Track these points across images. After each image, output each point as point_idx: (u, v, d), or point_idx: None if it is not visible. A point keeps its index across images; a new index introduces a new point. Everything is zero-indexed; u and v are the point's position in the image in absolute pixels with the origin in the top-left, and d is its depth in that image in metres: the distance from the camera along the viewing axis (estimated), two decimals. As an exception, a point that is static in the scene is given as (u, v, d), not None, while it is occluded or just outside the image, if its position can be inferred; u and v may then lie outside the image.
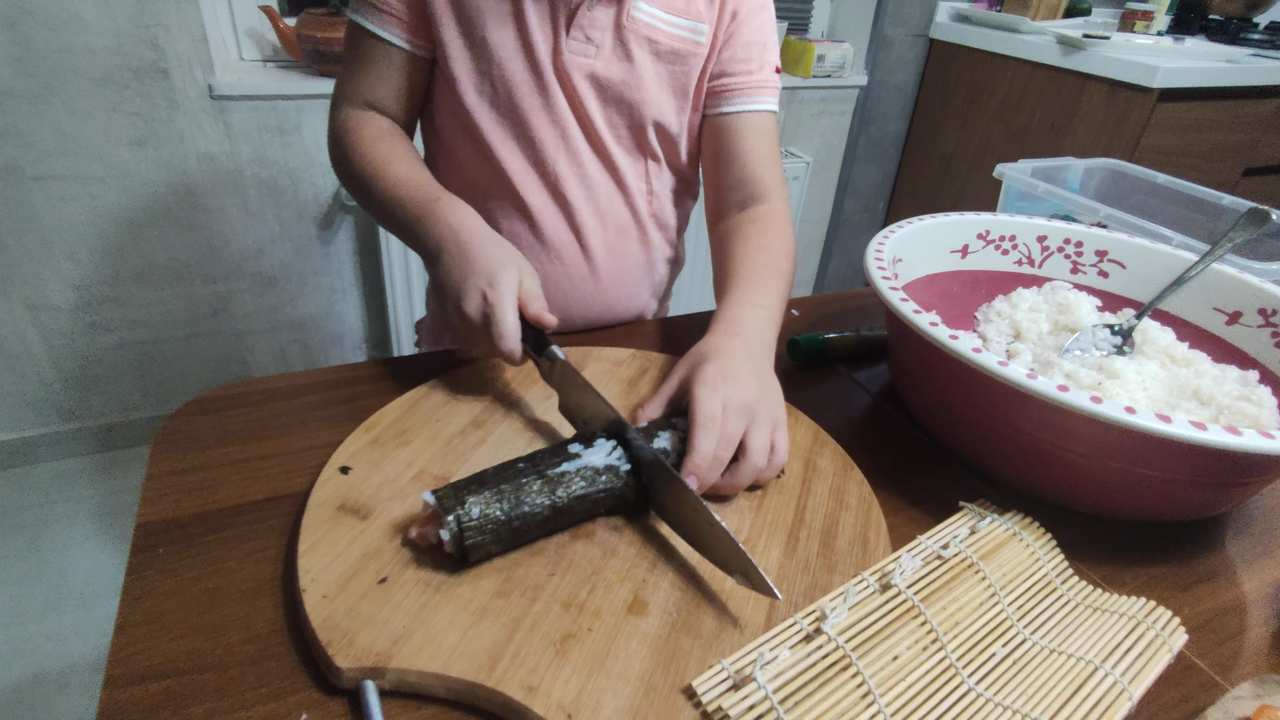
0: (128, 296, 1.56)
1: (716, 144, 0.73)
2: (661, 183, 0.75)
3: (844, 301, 0.84)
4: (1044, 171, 0.94)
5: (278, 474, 0.50)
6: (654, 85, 0.68)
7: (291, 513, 0.46)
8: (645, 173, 0.73)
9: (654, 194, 0.75)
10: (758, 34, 0.71)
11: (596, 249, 0.73)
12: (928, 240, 0.70)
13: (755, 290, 0.60)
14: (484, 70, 0.65)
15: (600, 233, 0.73)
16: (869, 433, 0.61)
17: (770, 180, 0.72)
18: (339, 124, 0.67)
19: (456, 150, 0.71)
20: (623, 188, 0.73)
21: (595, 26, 0.64)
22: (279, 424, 0.55)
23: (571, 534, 0.45)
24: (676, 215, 0.80)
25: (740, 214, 0.71)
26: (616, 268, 0.75)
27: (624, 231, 0.75)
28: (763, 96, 0.72)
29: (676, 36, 0.67)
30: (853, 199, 2.26)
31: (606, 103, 0.68)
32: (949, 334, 0.49)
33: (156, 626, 0.39)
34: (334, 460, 0.49)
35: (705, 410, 0.47)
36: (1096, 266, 0.71)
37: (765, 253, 0.65)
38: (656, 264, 0.79)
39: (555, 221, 0.71)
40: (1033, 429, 0.49)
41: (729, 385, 0.49)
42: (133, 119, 1.40)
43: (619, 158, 0.71)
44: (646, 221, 0.75)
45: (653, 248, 0.78)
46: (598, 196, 0.72)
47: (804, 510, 0.49)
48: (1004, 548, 0.46)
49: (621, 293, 0.77)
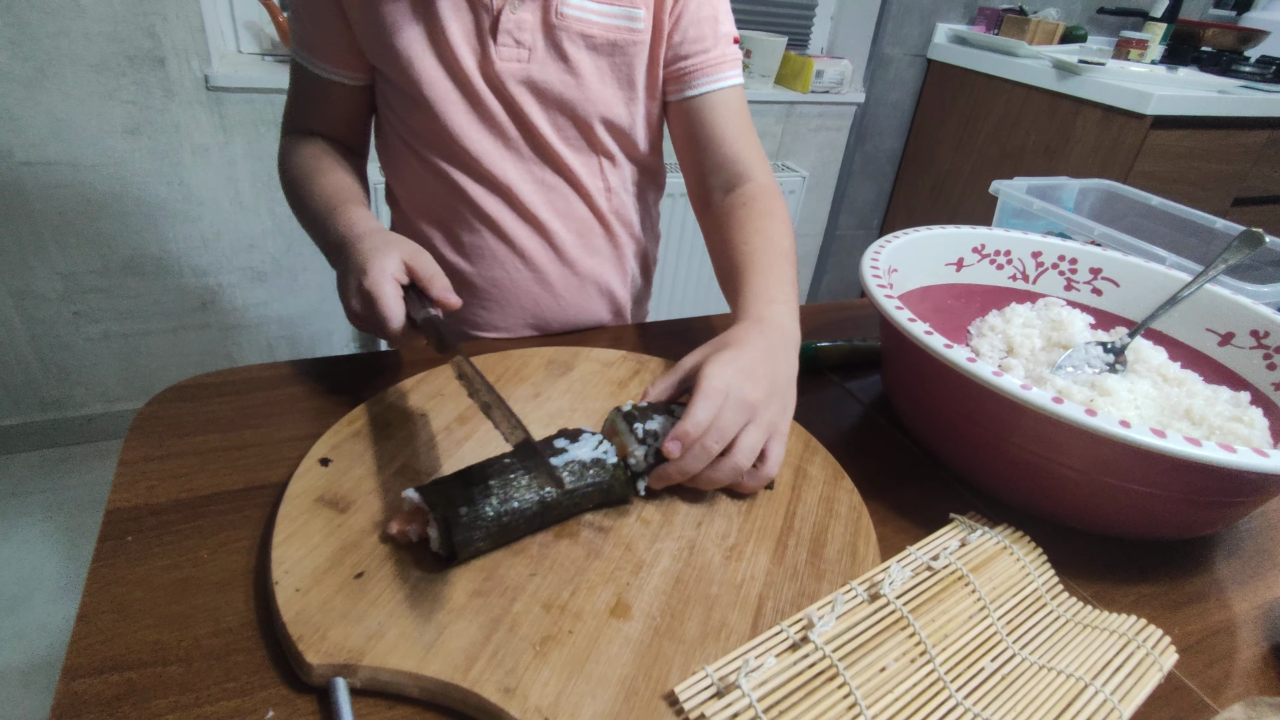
0: (115, 287, 1.54)
1: (688, 129, 0.70)
2: (619, 178, 0.73)
3: (838, 312, 0.83)
4: (1039, 190, 0.95)
5: (257, 464, 0.49)
6: (595, 81, 0.66)
7: (269, 504, 0.45)
8: (600, 170, 0.72)
9: (612, 190, 0.73)
10: (707, 8, 0.68)
11: (565, 250, 0.72)
12: (923, 252, 0.69)
13: (772, 283, 0.57)
14: (413, 92, 0.64)
15: (565, 234, 0.72)
16: (860, 442, 0.60)
17: (751, 157, 0.69)
18: (282, 149, 0.71)
19: (410, 170, 0.71)
20: (578, 188, 0.71)
21: (523, 29, 0.62)
22: (261, 413, 0.54)
23: (555, 533, 0.44)
24: (639, 209, 0.78)
25: (728, 197, 0.69)
26: (587, 267, 0.74)
27: (589, 231, 0.74)
28: (726, 72, 0.69)
29: (611, 27, 0.64)
30: (848, 214, 2.27)
31: (548, 106, 0.66)
32: (944, 343, 0.48)
33: (121, 616, 0.37)
34: (314, 451, 0.47)
35: (711, 383, 0.45)
36: (1090, 284, 0.71)
37: (767, 236, 0.62)
38: (626, 259, 0.78)
39: (518, 228, 0.70)
40: (1025, 442, 0.48)
41: (739, 376, 0.47)
42: (127, 107, 1.38)
43: (570, 159, 0.69)
44: (610, 219, 0.74)
45: (620, 243, 0.76)
46: (555, 200, 0.71)
47: (793, 517, 0.48)
48: (994, 561, 0.45)
49: (594, 290, 0.76)
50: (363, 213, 0.60)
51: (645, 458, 0.46)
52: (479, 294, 0.73)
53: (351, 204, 0.61)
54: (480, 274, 0.72)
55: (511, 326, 0.75)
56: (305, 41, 0.66)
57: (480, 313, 0.75)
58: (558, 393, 0.57)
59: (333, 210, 0.60)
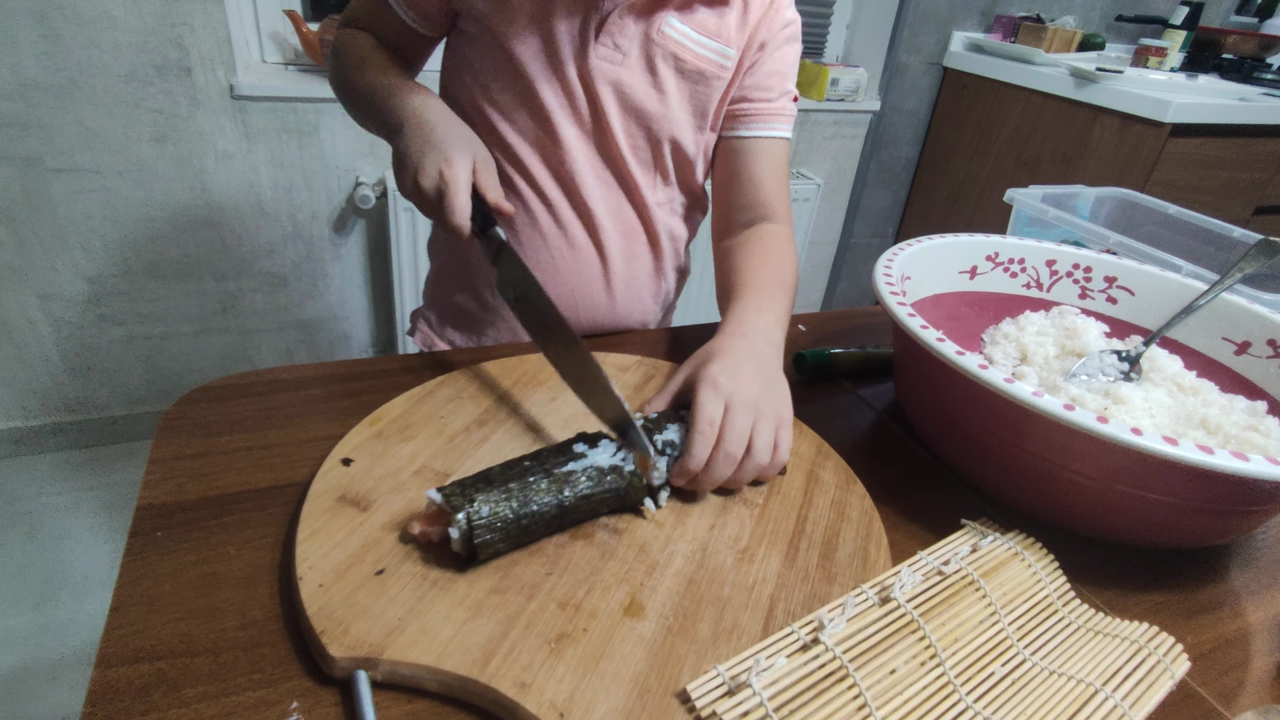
0: (138, 290, 1.57)
1: (729, 166, 0.74)
2: (671, 197, 0.76)
3: (851, 319, 0.84)
4: (1055, 198, 0.95)
5: (280, 463, 0.50)
6: (675, 102, 0.69)
7: (292, 502, 0.46)
8: (655, 185, 0.74)
9: (662, 206, 0.75)
10: (781, 64, 0.72)
11: (609, 248, 0.74)
12: (936, 260, 0.70)
13: (761, 297, 0.61)
14: (505, 64, 0.66)
15: (614, 236, 0.74)
16: (872, 448, 0.60)
17: (778, 204, 0.73)
18: (339, 38, 0.72)
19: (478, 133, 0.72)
20: (634, 198, 0.73)
21: (624, 35, 0.65)
22: (284, 415, 0.55)
23: (570, 535, 0.45)
24: (686, 229, 0.81)
25: (746, 230, 0.72)
26: (628, 271, 0.76)
27: (636, 237, 0.75)
28: (779, 124, 0.73)
29: (703, 58, 0.68)
30: (862, 222, 2.27)
31: (627, 113, 0.68)
32: (955, 350, 0.49)
33: (152, 609, 0.39)
34: (336, 452, 0.49)
35: (704, 413, 0.48)
36: (1105, 292, 0.71)
37: (769, 266, 0.66)
38: (666, 272, 0.80)
39: (570, 215, 0.72)
40: (1037, 449, 0.49)
41: (733, 383, 0.50)
42: (154, 115, 1.42)
43: (633, 167, 0.71)
44: (659, 231, 0.76)
45: (663, 256, 0.78)
46: (610, 198, 0.72)
47: (805, 521, 0.48)
48: (1005, 567, 0.45)
49: (630, 296, 0.77)
50: (432, 96, 0.63)
51: (666, 469, 0.47)
52: None
53: (416, 85, 0.64)
54: (524, 249, 0.73)
55: None
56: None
57: None
58: (573, 397, 0.58)
59: (400, 88, 0.63)
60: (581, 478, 0.44)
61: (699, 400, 0.49)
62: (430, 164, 0.56)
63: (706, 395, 0.49)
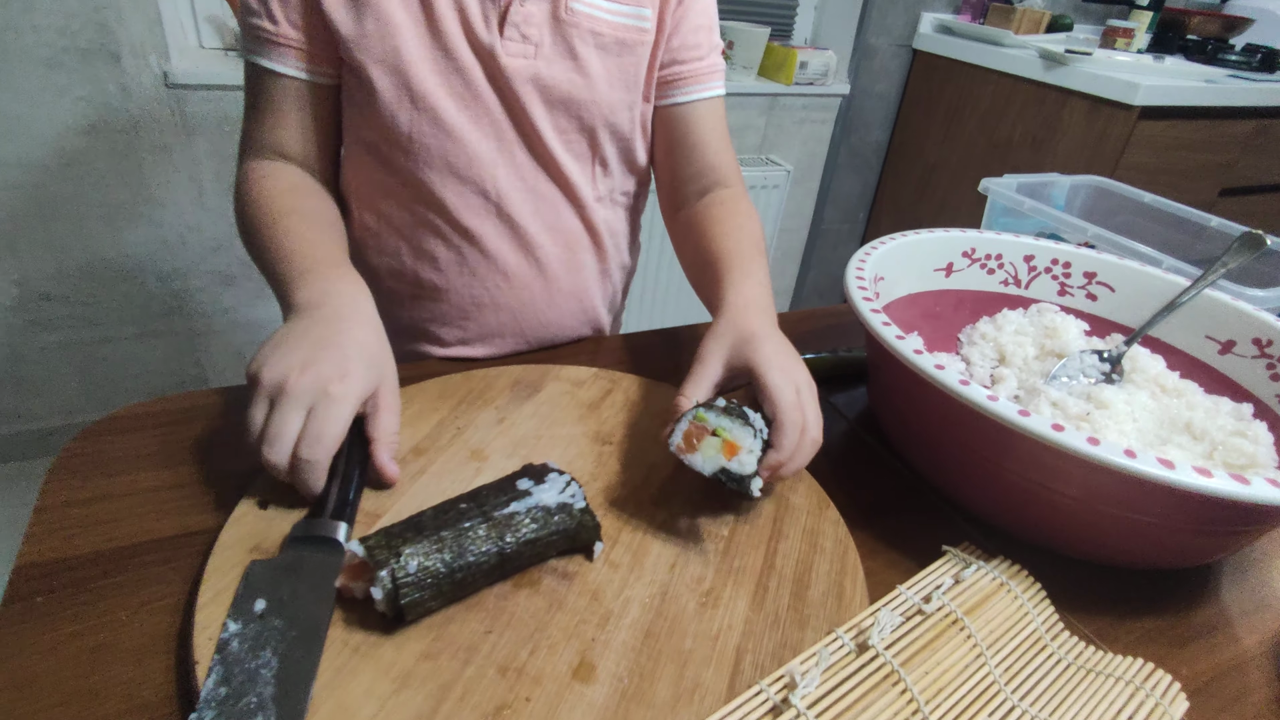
0: (73, 293, 1.47)
1: (671, 135, 0.70)
2: (611, 187, 0.70)
3: (821, 319, 0.80)
4: (1029, 187, 0.92)
5: (191, 506, 0.44)
6: (603, 83, 0.63)
7: (201, 553, 0.41)
8: (593, 178, 0.68)
9: (601, 200, 0.70)
10: (704, 17, 0.67)
11: (549, 265, 0.68)
12: (911, 257, 0.66)
13: (750, 265, 0.58)
14: (401, 87, 0.58)
15: (551, 248, 0.68)
16: (846, 464, 0.57)
17: (728, 167, 0.70)
18: (242, 175, 0.59)
19: (373, 176, 0.64)
20: (572, 198, 0.67)
21: (531, 23, 0.58)
22: (202, 447, 0.49)
23: (514, 582, 0.40)
24: (628, 221, 0.75)
25: (702, 200, 0.69)
26: (571, 283, 0.70)
27: (576, 244, 0.70)
28: (714, 81, 0.69)
29: (620, 26, 0.62)
30: (833, 209, 2.23)
31: (553, 107, 0.62)
32: (934, 363, 0.45)
33: (22, 694, 0.33)
34: (252, 494, 0.43)
35: (788, 401, 0.46)
36: (1085, 289, 0.68)
37: (745, 232, 0.63)
38: (611, 273, 0.75)
39: (499, 242, 0.66)
40: (1021, 468, 0.45)
41: (790, 364, 0.49)
42: (81, 104, 1.32)
43: (568, 165, 0.65)
44: (600, 230, 0.70)
45: (607, 257, 0.73)
46: (545, 211, 0.66)
47: (774, 555, 0.44)
48: (990, 600, 0.42)
49: (575, 307, 0.72)
50: (362, 289, 0.50)
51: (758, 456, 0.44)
52: (454, 309, 0.68)
53: (349, 270, 0.52)
54: (456, 289, 0.67)
55: (484, 342, 0.71)
56: (265, 36, 0.57)
57: (452, 329, 0.70)
58: (523, 417, 0.53)
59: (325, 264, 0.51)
60: (525, 520, 0.39)
61: (776, 389, 0.46)
62: (317, 363, 0.41)
63: (780, 382, 0.47)
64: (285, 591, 0.37)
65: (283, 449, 0.40)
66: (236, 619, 0.35)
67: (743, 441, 0.43)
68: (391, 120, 0.59)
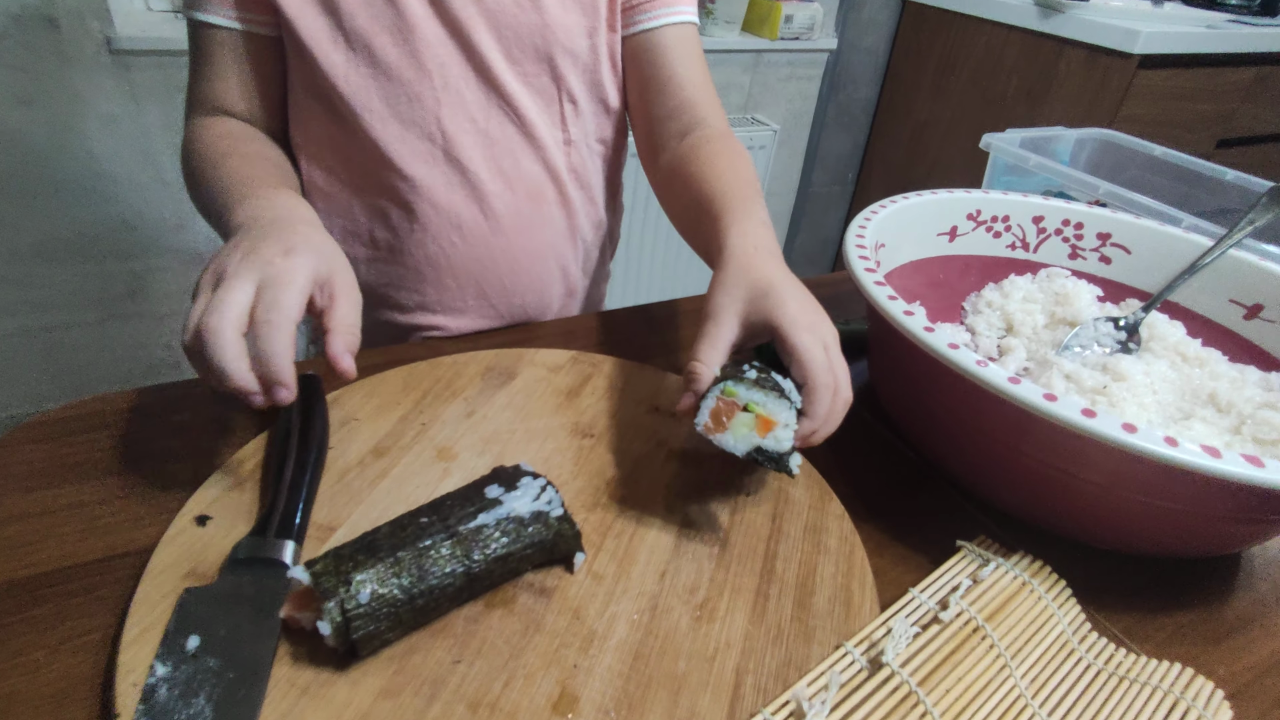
0: (27, 276, 1.40)
1: (642, 71, 0.63)
2: (581, 130, 0.64)
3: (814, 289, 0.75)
4: (1033, 142, 0.86)
5: (122, 523, 0.40)
6: (556, 5, 0.57)
7: (132, 578, 0.36)
8: (561, 118, 0.62)
9: (572, 144, 0.64)
10: None
11: (506, 218, 0.62)
12: (912, 221, 0.61)
13: (753, 207, 0.51)
14: (334, 28, 0.53)
15: (508, 198, 0.62)
16: (847, 447, 0.52)
17: (708, 103, 0.63)
18: (186, 134, 0.56)
19: (317, 127, 0.59)
20: (532, 139, 0.61)
21: None
22: (136, 453, 0.44)
23: (486, 601, 0.36)
24: (603, 171, 0.69)
25: (685, 140, 0.62)
26: (534, 241, 0.64)
27: (538, 194, 0.63)
28: (681, 5, 0.62)
29: None
30: (821, 169, 2.17)
31: (502, 35, 0.57)
32: (947, 341, 0.41)
33: (-86, 759, 0.29)
34: (189, 507, 0.39)
35: (819, 364, 0.41)
36: (1098, 251, 0.63)
37: (737, 172, 0.56)
38: (581, 229, 0.68)
39: (450, 193, 0.60)
40: (1042, 453, 0.41)
41: (815, 319, 0.43)
42: (16, 74, 1.23)
43: (525, 102, 0.59)
44: (565, 179, 0.64)
45: (575, 212, 0.67)
46: (500, 155, 0.60)
47: (774, 558, 0.40)
48: (1012, 603, 0.38)
49: (541, 269, 0.66)
50: (297, 201, 0.46)
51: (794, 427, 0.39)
52: (411, 272, 0.63)
53: (284, 190, 0.47)
54: (410, 249, 0.62)
55: (447, 311, 0.65)
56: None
57: (412, 294, 0.64)
58: (495, 409, 0.48)
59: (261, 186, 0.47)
60: (495, 534, 0.35)
61: (806, 351, 0.41)
62: (253, 253, 0.37)
63: (809, 342, 0.41)
64: (223, 625, 0.32)
65: (224, 316, 0.34)
66: (166, 660, 0.31)
67: (778, 415, 0.38)
68: (327, 64, 0.54)
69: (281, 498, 0.37)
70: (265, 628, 0.32)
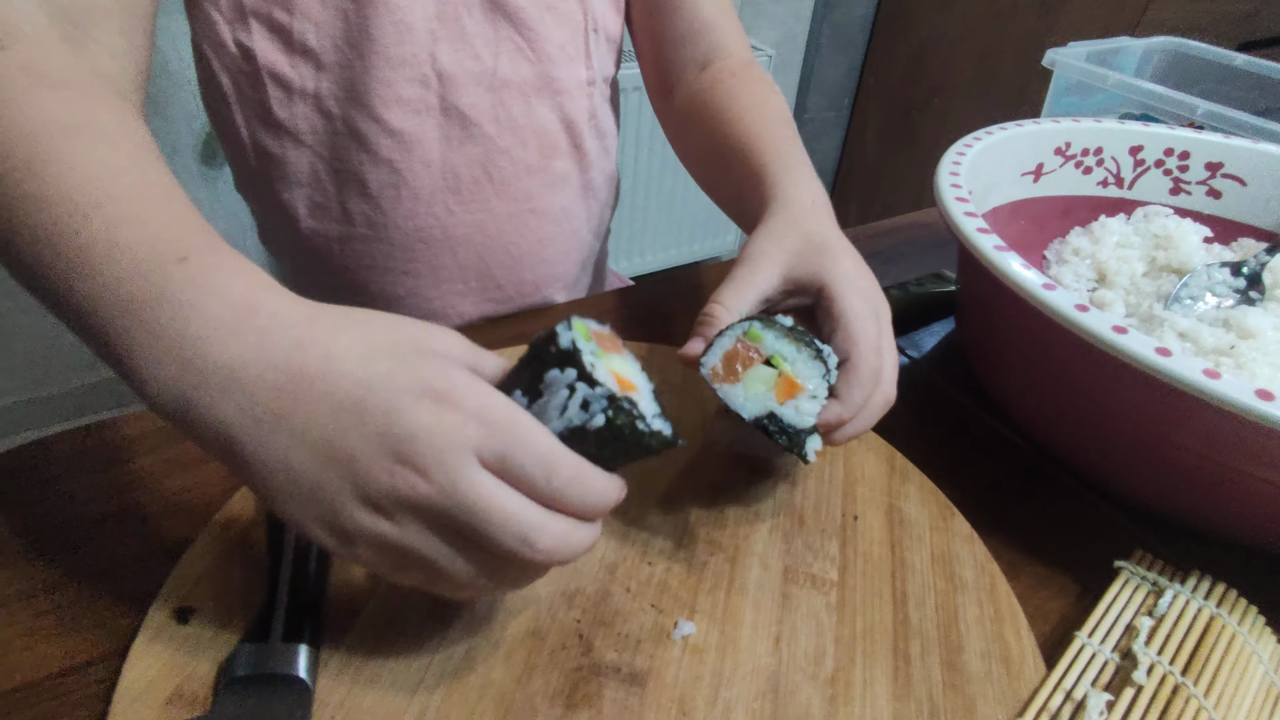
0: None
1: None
2: (603, 62, 0.53)
3: (872, 242, 0.66)
4: (1099, 56, 0.76)
5: (76, 620, 0.31)
6: None
7: (99, 700, 0.28)
8: (585, 50, 0.51)
9: (594, 84, 0.53)
10: None
11: (513, 180, 0.52)
12: (994, 162, 0.52)
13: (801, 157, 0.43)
14: None
15: (518, 153, 0.51)
16: (938, 439, 0.45)
17: (727, 25, 0.54)
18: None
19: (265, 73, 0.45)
20: (550, 80, 0.50)
21: None
22: (87, 517, 0.35)
23: (567, 702, 0.28)
24: (612, 111, 0.59)
25: (706, 72, 0.53)
26: (545, 203, 0.54)
27: (552, 147, 0.53)
28: None
29: None
30: (817, 95, 2.04)
31: None
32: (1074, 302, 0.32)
33: None
34: (166, 593, 0.30)
35: (869, 339, 0.33)
36: (1205, 184, 0.55)
37: (776, 112, 0.47)
38: (596, 187, 0.58)
39: (445, 150, 0.49)
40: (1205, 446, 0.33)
41: (873, 289, 0.36)
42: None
43: (547, 32, 0.48)
44: (584, 127, 0.53)
45: (589, 164, 0.56)
46: (509, 101, 0.49)
47: (904, 600, 0.33)
48: (1205, 644, 0.31)
49: (555, 233, 0.56)
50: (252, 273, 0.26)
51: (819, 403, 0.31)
52: (398, 249, 0.52)
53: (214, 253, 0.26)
54: (396, 221, 0.51)
55: (450, 289, 0.55)
56: None
57: (401, 278, 0.53)
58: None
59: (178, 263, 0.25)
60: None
61: (857, 319, 0.33)
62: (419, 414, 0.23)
63: (862, 310, 0.34)
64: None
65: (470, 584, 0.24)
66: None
67: (807, 381, 0.30)
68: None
69: (283, 580, 0.29)
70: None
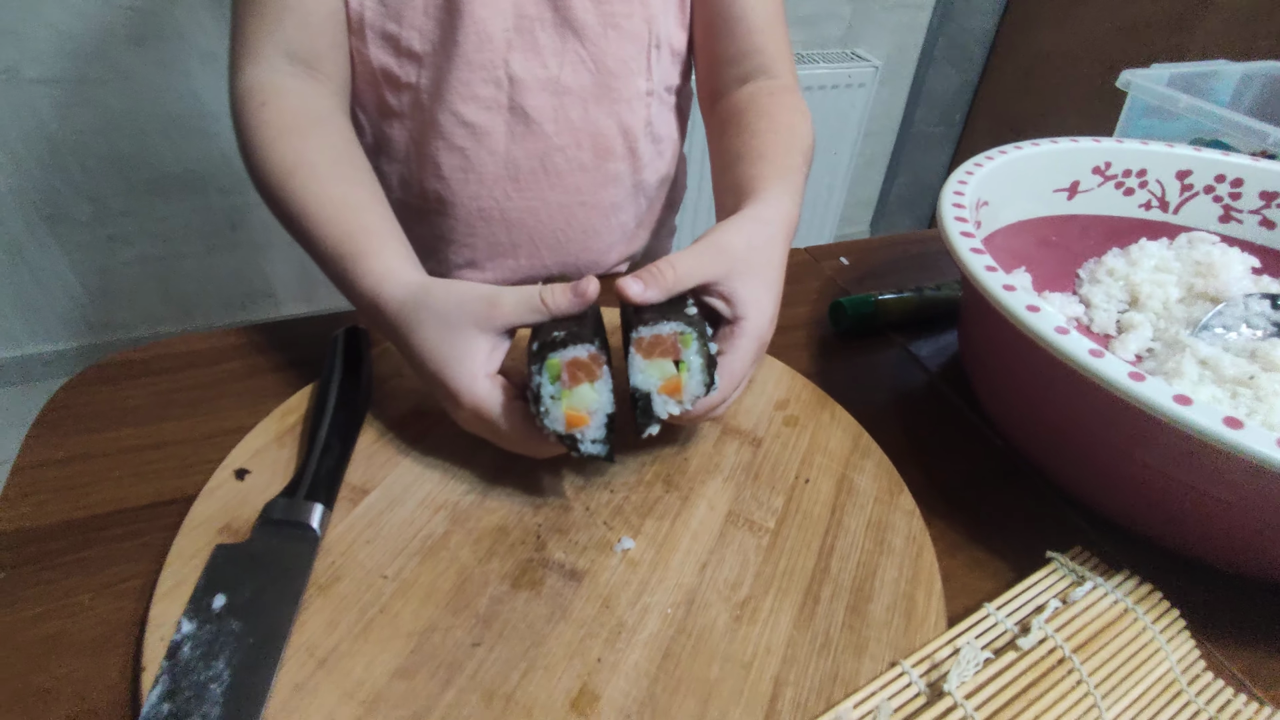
0: (144, 208, 1.48)
1: (711, 6, 0.57)
2: (663, 74, 0.59)
3: (904, 248, 0.68)
4: (1184, 79, 0.74)
5: (170, 470, 0.40)
6: None
7: (173, 528, 0.37)
8: (647, 65, 0.57)
9: (654, 94, 0.59)
10: None
11: (567, 175, 0.58)
12: (1024, 174, 0.53)
13: (792, 179, 0.47)
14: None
15: (573, 153, 0.58)
16: (924, 429, 0.47)
17: (777, 53, 0.57)
18: (238, 99, 0.48)
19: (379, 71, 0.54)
20: (609, 90, 0.56)
21: None
22: (190, 399, 0.45)
23: (513, 580, 0.34)
24: (676, 120, 0.64)
25: (745, 87, 0.57)
26: (595, 197, 0.60)
27: (607, 150, 0.59)
28: None
29: None
30: (926, 108, 1.99)
31: None
32: (1055, 325, 0.34)
33: (-34, 691, 0.30)
34: (230, 460, 0.39)
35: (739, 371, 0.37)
36: (1259, 214, 0.53)
37: (795, 134, 0.51)
38: (645, 185, 0.64)
39: (511, 144, 0.56)
40: (1162, 462, 0.35)
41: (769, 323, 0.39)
42: (128, 14, 1.28)
43: (611, 48, 0.54)
44: (639, 133, 0.59)
45: (641, 165, 0.62)
46: (570, 106, 0.56)
47: (830, 554, 0.36)
48: (1110, 630, 0.33)
49: (600, 224, 0.62)
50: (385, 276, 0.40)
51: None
52: (461, 224, 0.60)
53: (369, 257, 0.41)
54: (463, 200, 0.59)
55: (499, 267, 0.63)
56: None
57: (461, 249, 0.61)
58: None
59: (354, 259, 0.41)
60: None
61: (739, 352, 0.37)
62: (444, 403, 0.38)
63: (748, 350, 0.37)
64: (249, 586, 0.32)
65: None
66: (193, 617, 0.31)
67: (688, 392, 0.35)
68: None
69: (314, 458, 0.37)
70: (288, 593, 0.32)
